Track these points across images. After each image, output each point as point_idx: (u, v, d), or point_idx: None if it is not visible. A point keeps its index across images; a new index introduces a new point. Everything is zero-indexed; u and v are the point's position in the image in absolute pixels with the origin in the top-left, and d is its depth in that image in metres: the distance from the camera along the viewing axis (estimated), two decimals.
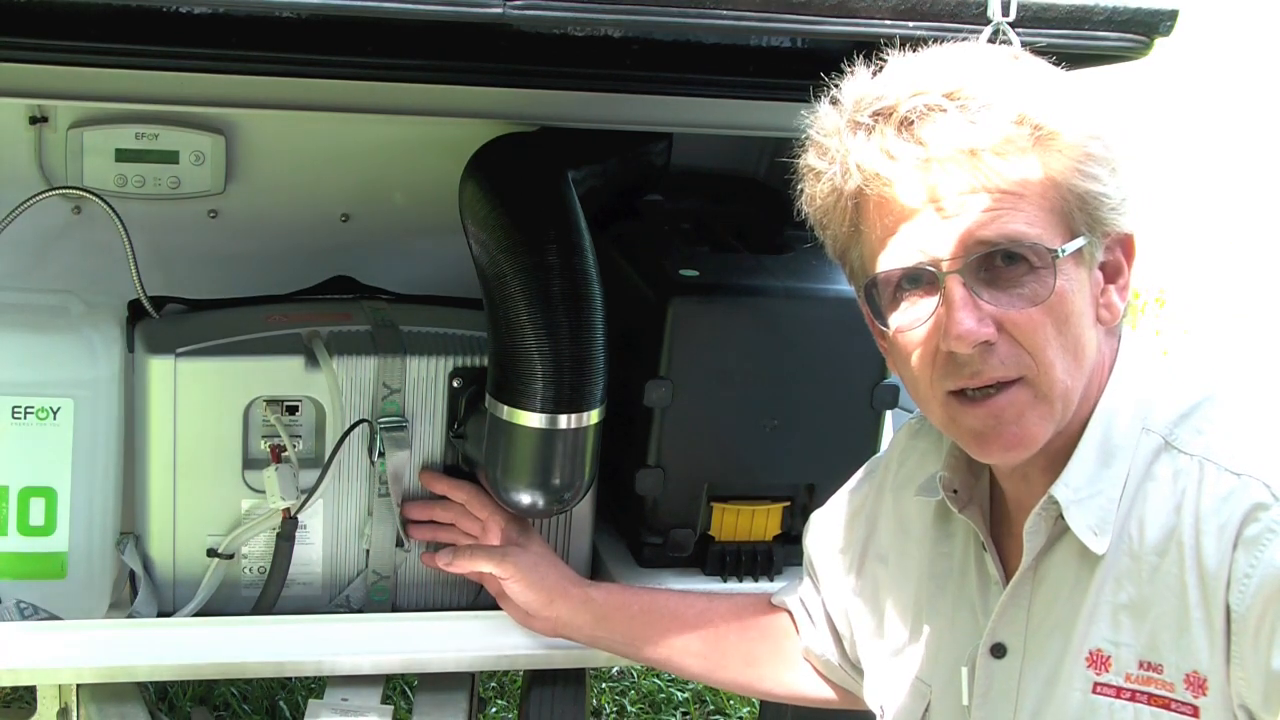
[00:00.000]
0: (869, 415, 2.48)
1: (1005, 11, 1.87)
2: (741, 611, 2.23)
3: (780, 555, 2.47)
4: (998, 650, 1.81)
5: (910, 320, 1.68)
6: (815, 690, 2.19)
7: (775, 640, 2.20)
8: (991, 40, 1.86)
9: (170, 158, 2.51)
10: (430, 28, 1.95)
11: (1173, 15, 1.95)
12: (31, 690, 2.46)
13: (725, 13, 1.84)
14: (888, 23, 1.87)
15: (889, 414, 2.54)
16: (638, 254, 2.53)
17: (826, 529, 2.15)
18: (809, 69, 1.74)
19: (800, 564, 2.26)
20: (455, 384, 2.39)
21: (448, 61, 2.36)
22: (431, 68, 2.39)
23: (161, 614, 2.35)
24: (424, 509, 2.35)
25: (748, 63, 2.46)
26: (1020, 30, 1.86)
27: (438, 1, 1.79)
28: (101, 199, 2.44)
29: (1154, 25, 1.95)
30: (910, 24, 1.87)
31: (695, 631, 2.20)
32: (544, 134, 2.48)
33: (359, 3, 1.79)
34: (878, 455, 2.16)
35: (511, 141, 2.42)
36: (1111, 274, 1.72)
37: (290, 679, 3.74)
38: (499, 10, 1.80)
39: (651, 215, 2.70)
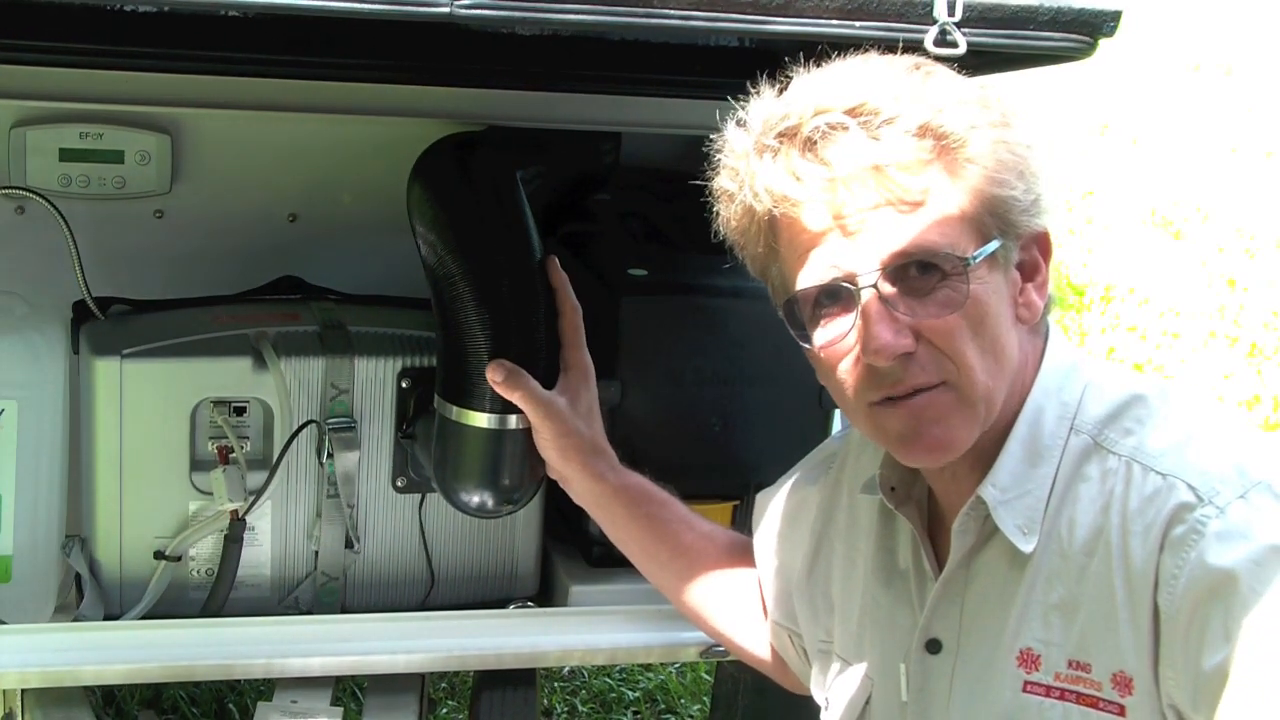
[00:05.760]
0: (817, 414, 2.49)
1: (951, 12, 1.88)
2: (735, 559, 2.22)
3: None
4: (932, 646, 1.82)
5: (831, 337, 1.70)
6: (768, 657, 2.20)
7: (754, 601, 2.20)
8: (938, 40, 1.87)
9: (115, 157, 2.49)
10: (377, 27, 1.95)
11: (1116, 16, 1.97)
12: None
13: (672, 12, 1.84)
14: (834, 23, 1.88)
15: (837, 413, 2.55)
16: (587, 253, 2.53)
17: (779, 516, 2.16)
18: (757, 68, 1.75)
19: None
20: (404, 384, 2.39)
21: (395, 61, 2.36)
22: (379, 67, 2.39)
23: (108, 617, 2.34)
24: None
25: (695, 62, 2.47)
26: (965, 30, 1.86)
27: (385, 0, 1.78)
28: (45, 199, 2.42)
29: (1098, 26, 1.97)
30: (857, 24, 1.88)
31: (681, 563, 2.20)
32: (492, 133, 2.47)
33: (305, 2, 1.78)
34: (831, 447, 2.16)
35: (459, 141, 2.41)
36: (1029, 273, 1.74)
37: (239, 681, 3.72)
38: (446, 9, 1.79)
39: (600, 214, 2.70)
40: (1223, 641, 1.54)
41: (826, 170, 1.64)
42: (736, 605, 2.20)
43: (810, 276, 1.68)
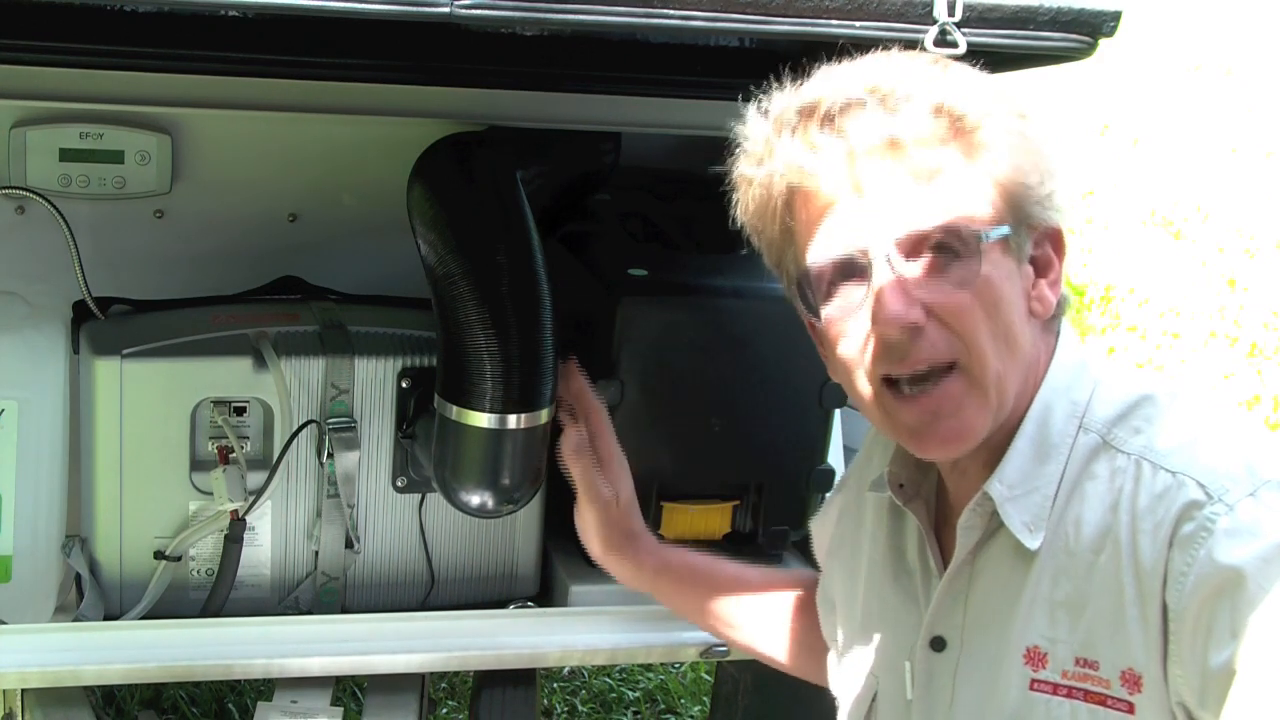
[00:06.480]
0: (818, 414, 2.49)
1: (951, 11, 1.88)
2: (788, 603, 2.23)
3: (730, 554, 2.48)
4: (937, 644, 1.82)
5: (841, 309, 1.70)
6: None
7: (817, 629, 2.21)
8: (938, 41, 1.87)
9: (115, 157, 2.49)
10: (377, 27, 1.95)
11: (1116, 16, 1.97)
12: None
13: (673, 12, 1.85)
14: (835, 23, 1.88)
15: (838, 412, 2.55)
16: (587, 253, 2.53)
17: (819, 532, 2.19)
18: (757, 68, 1.75)
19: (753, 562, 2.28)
20: (404, 384, 2.39)
21: (396, 61, 2.36)
22: (379, 67, 2.39)
23: (108, 617, 2.34)
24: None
25: (695, 62, 2.47)
26: (965, 30, 1.86)
27: (385, 0, 1.78)
28: (45, 199, 2.42)
29: (1097, 26, 1.97)
30: (857, 24, 1.88)
31: (742, 621, 2.23)
32: (492, 133, 2.47)
33: (306, 2, 1.78)
34: (855, 457, 2.17)
35: (460, 141, 2.41)
36: (1042, 268, 1.74)
37: (239, 681, 3.72)
38: (446, 9, 1.79)
39: (600, 214, 2.70)
40: (1230, 639, 1.54)
41: (844, 142, 1.65)
42: (809, 647, 2.20)
43: (822, 250, 1.69)
